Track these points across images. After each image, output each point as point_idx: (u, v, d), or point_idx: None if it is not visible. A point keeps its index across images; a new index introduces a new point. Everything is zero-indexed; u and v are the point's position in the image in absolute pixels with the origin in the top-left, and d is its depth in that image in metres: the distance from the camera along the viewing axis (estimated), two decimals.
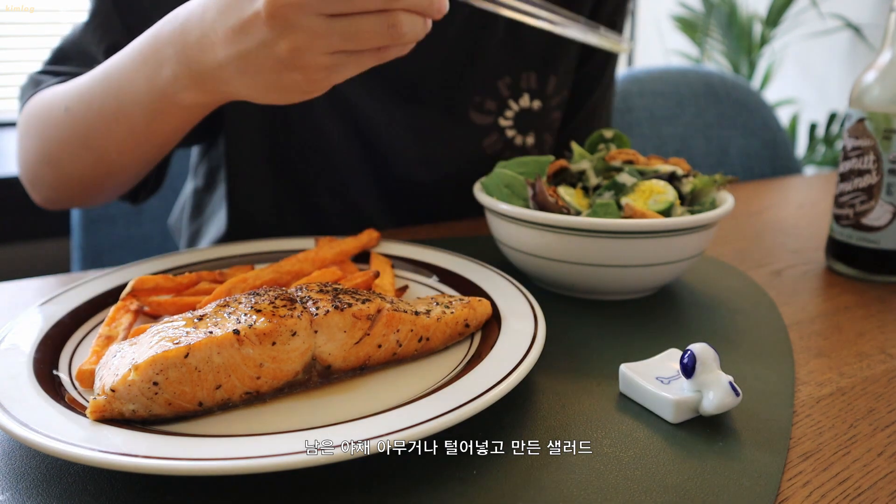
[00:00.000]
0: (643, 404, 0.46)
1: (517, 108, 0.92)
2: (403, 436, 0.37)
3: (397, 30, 0.50)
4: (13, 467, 0.39)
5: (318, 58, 0.51)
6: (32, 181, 0.77)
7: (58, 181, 0.74)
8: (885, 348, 0.57)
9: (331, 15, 0.49)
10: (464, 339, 0.52)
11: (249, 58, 0.52)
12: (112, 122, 0.66)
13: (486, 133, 0.91)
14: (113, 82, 0.64)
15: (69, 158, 0.71)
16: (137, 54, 0.62)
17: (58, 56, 0.79)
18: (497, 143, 0.92)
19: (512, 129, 0.92)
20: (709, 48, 3.31)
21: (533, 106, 0.93)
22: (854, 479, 0.40)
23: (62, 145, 0.70)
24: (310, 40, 0.49)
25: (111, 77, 0.65)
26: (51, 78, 0.76)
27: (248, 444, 0.36)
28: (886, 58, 0.70)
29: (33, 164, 0.75)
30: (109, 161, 0.70)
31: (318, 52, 0.50)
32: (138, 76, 0.62)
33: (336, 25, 0.49)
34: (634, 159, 0.70)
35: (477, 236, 0.83)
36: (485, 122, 0.91)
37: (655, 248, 0.59)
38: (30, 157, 0.75)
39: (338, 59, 0.51)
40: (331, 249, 0.63)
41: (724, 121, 1.67)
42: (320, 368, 0.45)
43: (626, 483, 0.38)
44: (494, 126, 0.92)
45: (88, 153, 0.69)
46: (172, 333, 0.42)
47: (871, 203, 0.71)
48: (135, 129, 0.65)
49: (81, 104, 0.67)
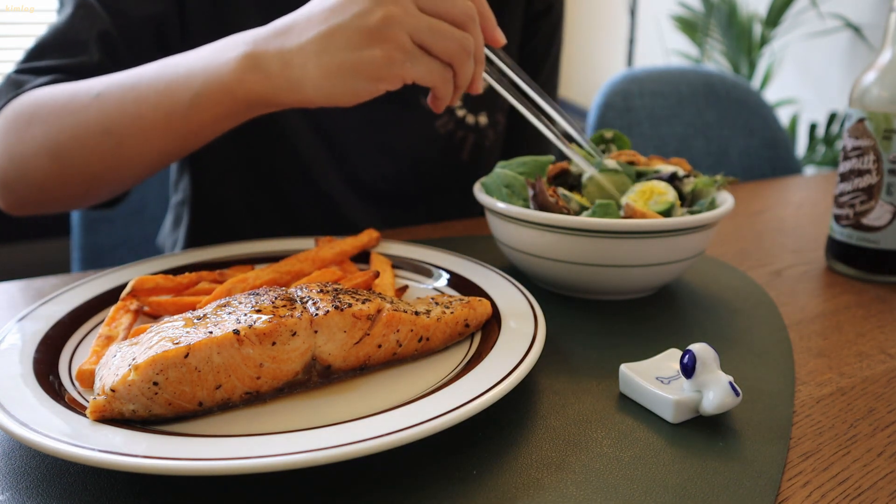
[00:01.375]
0: (643, 404, 0.46)
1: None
2: (403, 436, 0.37)
3: (467, 51, 0.58)
4: (13, 467, 0.39)
5: (403, 35, 0.56)
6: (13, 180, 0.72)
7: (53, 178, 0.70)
8: (885, 348, 0.57)
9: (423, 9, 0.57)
10: (464, 339, 0.52)
11: (336, 32, 0.57)
12: (151, 105, 0.65)
13: (437, 115, 0.94)
14: (169, 68, 0.65)
15: (79, 148, 0.68)
16: (206, 48, 0.64)
17: (36, 50, 0.77)
18: (448, 122, 0.96)
19: (462, 109, 0.96)
20: (709, 48, 3.31)
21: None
22: (854, 479, 0.40)
23: (75, 131, 0.68)
24: (402, 14, 0.56)
25: (168, 64, 0.65)
26: (32, 77, 0.74)
27: (248, 444, 0.36)
28: (886, 58, 0.70)
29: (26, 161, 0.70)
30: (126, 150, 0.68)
31: (405, 29, 0.56)
32: (200, 60, 0.63)
33: (425, 17, 0.57)
34: (634, 159, 0.70)
35: (477, 236, 0.84)
36: None
37: (655, 248, 0.59)
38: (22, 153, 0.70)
39: (416, 51, 0.57)
40: (331, 249, 0.63)
41: (724, 121, 1.67)
42: (320, 368, 0.45)
43: (626, 483, 0.38)
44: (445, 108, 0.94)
45: (106, 140, 0.67)
46: (172, 333, 0.42)
47: (871, 203, 0.71)
48: (172, 114, 0.65)
49: (119, 89, 0.66)
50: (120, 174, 0.71)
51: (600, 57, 4.27)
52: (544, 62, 1.06)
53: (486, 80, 0.64)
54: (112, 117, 0.66)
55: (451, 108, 0.95)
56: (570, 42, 1.09)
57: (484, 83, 0.64)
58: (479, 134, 0.98)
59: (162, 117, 0.65)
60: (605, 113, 1.57)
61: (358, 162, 0.93)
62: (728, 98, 1.69)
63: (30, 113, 0.70)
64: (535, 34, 1.04)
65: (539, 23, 1.03)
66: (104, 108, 0.67)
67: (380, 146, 0.93)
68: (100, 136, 0.67)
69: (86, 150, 0.68)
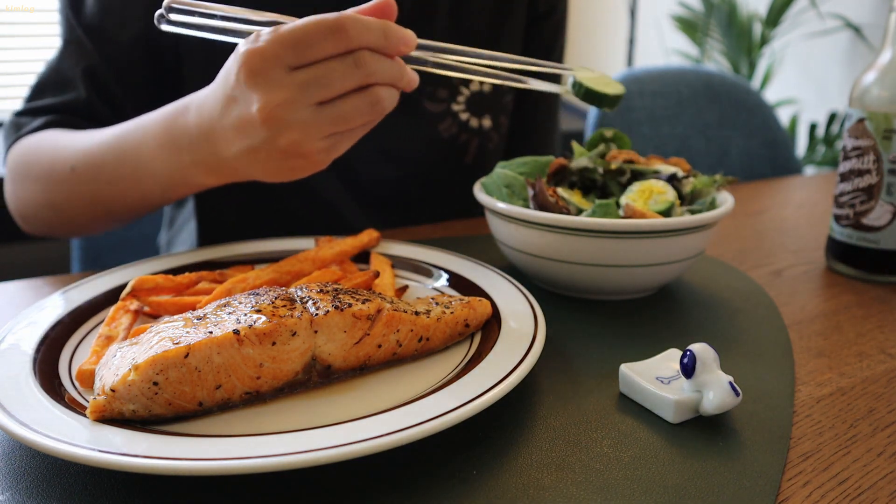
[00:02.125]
0: (643, 404, 0.46)
1: (468, 93, 0.95)
2: (403, 436, 0.37)
3: (380, 105, 0.55)
4: (13, 467, 0.39)
5: (316, 143, 0.55)
6: (27, 218, 0.79)
7: (57, 222, 0.77)
8: (885, 348, 0.57)
9: (318, 104, 0.53)
10: (464, 339, 0.52)
11: (256, 152, 0.56)
12: (125, 189, 0.69)
13: (440, 118, 0.94)
14: (126, 156, 0.67)
15: (74, 209, 0.74)
16: (151, 137, 0.65)
17: (36, 91, 0.82)
18: (452, 126, 0.95)
19: (465, 113, 0.96)
20: (709, 48, 3.31)
21: (484, 88, 0.96)
22: (854, 479, 0.40)
23: (69, 197, 0.73)
24: (305, 132, 0.53)
25: (125, 151, 0.67)
26: (30, 119, 0.79)
27: (248, 444, 0.36)
28: (886, 58, 0.70)
29: (31, 206, 0.77)
30: (115, 214, 0.74)
31: (314, 139, 0.54)
32: (155, 159, 0.65)
33: (325, 113, 0.53)
34: (634, 159, 0.70)
35: (477, 236, 0.84)
36: (438, 109, 0.94)
37: (655, 248, 0.59)
38: (26, 199, 0.77)
39: (333, 140, 0.56)
40: (331, 249, 0.63)
41: (724, 121, 1.67)
42: (320, 368, 0.45)
43: (626, 483, 0.38)
44: (448, 111, 0.94)
45: (96, 208, 0.73)
46: (172, 333, 0.42)
47: (871, 203, 0.71)
48: (148, 196, 0.69)
49: (89, 168, 0.70)
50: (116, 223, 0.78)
51: (600, 57, 4.27)
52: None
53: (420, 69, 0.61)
54: (93, 192, 0.71)
55: (453, 111, 0.95)
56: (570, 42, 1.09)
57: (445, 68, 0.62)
58: (483, 137, 0.97)
59: (139, 198, 0.70)
60: (606, 113, 1.57)
61: (359, 167, 0.93)
62: (728, 98, 1.69)
63: (26, 167, 0.76)
64: (538, 36, 1.04)
65: (542, 24, 1.03)
66: (84, 183, 0.71)
67: (382, 151, 0.93)
68: (88, 204, 0.73)
69: (79, 210, 0.74)
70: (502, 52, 0.64)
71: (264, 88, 0.52)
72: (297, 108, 0.52)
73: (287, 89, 0.51)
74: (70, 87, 0.80)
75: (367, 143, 0.92)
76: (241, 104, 0.54)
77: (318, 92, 0.52)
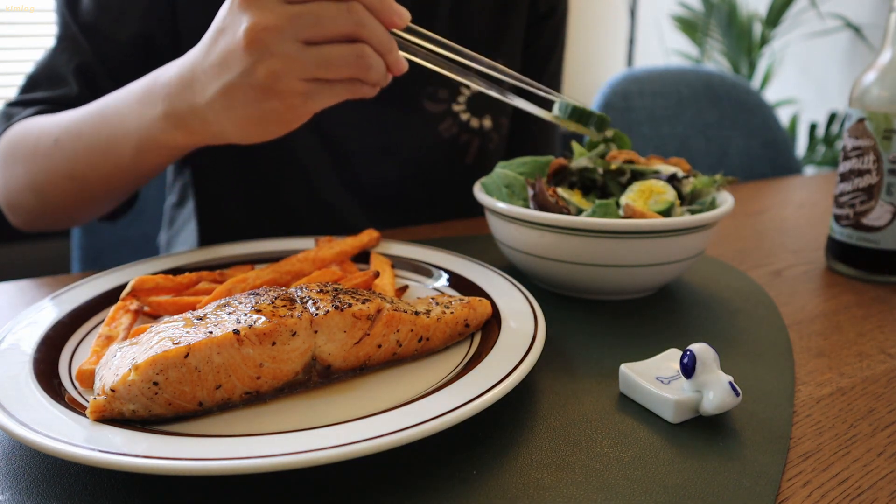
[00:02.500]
0: (643, 404, 0.46)
1: (469, 93, 0.95)
2: (403, 436, 0.37)
3: (365, 60, 0.55)
4: (13, 467, 0.39)
5: (295, 83, 0.55)
6: (13, 206, 0.79)
7: (40, 208, 0.77)
8: (885, 348, 0.57)
9: (305, 42, 0.54)
10: (464, 339, 0.52)
11: (232, 90, 0.56)
12: (99, 157, 0.69)
13: (440, 119, 0.94)
14: (106, 119, 0.67)
15: (53, 188, 0.73)
16: (132, 95, 0.65)
17: (28, 84, 0.82)
18: (452, 126, 0.95)
19: (466, 113, 0.96)
20: (709, 48, 3.31)
21: None
22: (854, 479, 0.40)
23: (48, 175, 0.73)
24: (286, 65, 0.54)
25: (105, 114, 0.67)
26: (21, 109, 0.79)
27: (248, 444, 0.36)
28: (886, 58, 0.70)
29: (15, 192, 0.77)
30: (92, 191, 0.73)
31: (294, 77, 0.54)
32: (130, 115, 0.65)
33: (310, 52, 0.54)
34: (634, 159, 0.70)
35: (477, 236, 0.84)
36: (438, 109, 0.94)
37: (655, 248, 0.59)
38: (11, 185, 0.77)
39: (313, 86, 0.55)
40: (331, 249, 0.63)
41: (724, 121, 1.67)
42: (320, 368, 0.45)
43: (626, 483, 0.38)
44: (448, 112, 0.94)
45: (72, 183, 0.72)
46: (172, 333, 0.42)
47: (871, 203, 0.71)
48: (120, 164, 0.69)
49: (71, 137, 0.70)
50: (96, 206, 0.77)
51: (600, 57, 4.27)
52: (547, 64, 1.06)
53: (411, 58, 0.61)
54: (71, 164, 0.71)
55: (454, 111, 0.95)
56: (570, 42, 1.10)
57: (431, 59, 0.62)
58: (484, 137, 0.97)
59: (112, 166, 0.69)
60: (605, 113, 1.57)
61: (359, 167, 0.92)
62: (728, 98, 1.69)
63: (12, 150, 0.76)
64: (540, 36, 1.03)
65: (543, 25, 1.03)
66: (64, 155, 0.71)
67: (382, 150, 0.93)
68: (66, 179, 0.72)
69: (58, 190, 0.73)
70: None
71: (255, 11, 0.53)
72: (283, 37, 0.53)
73: (277, 16, 0.52)
74: (62, 82, 0.80)
75: (367, 142, 0.92)
76: (229, 32, 0.55)
77: (307, 27, 0.53)
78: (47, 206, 0.76)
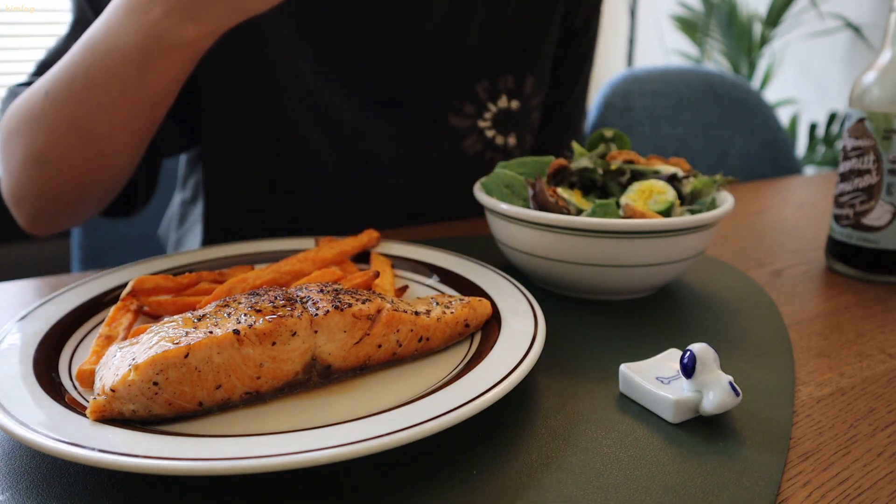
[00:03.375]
0: (643, 404, 0.46)
1: (495, 110, 0.94)
2: (403, 436, 0.37)
3: None
4: (13, 467, 0.39)
5: None
6: (19, 196, 0.74)
7: (46, 186, 0.71)
8: (885, 348, 0.57)
9: None
10: (464, 339, 0.52)
11: None
12: (101, 90, 0.63)
13: (465, 135, 0.92)
14: (96, 49, 0.63)
15: (56, 150, 0.68)
16: (119, 12, 0.61)
17: (39, 68, 0.79)
18: (477, 143, 0.93)
19: (491, 130, 0.94)
20: (709, 48, 3.31)
21: (511, 106, 0.94)
22: (854, 479, 0.40)
23: (47, 135, 0.67)
24: None
25: (94, 45, 0.63)
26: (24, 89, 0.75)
27: (248, 444, 0.36)
28: (886, 58, 0.70)
29: (19, 173, 0.71)
30: (100, 141, 0.67)
31: None
32: (124, 29, 0.61)
33: None
34: (634, 159, 0.70)
35: (477, 236, 0.84)
36: (464, 124, 0.92)
37: (655, 248, 0.59)
38: (14, 166, 0.71)
39: None
40: (331, 249, 0.63)
41: (724, 121, 1.67)
42: (320, 368, 0.45)
43: (626, 483, 0.38)
44: (473, 128, 0.93)
45: (76, 135, 0.66)
46: (172, 333, 0.42)
47: (871, 203, 0.71)
48: (127, 88, 0.63)
49: (62, 82, 0.65)
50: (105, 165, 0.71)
51: (600, 57, 4.26)
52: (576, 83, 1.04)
53: None
54: (71, 111, 0.65)
55: (479, 127, 0.93)
56: None
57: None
58: (508, 155, 0.95)
59: (118, 96, 0.64)
60: (605, 113, 1.57)
61: (379, 181, 0.90)
62: (728, 98, 1.69)
63: (9, 126, 0.72)
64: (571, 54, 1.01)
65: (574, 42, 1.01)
66: (59, 106, 0.66)
67: (405, 165, 0.91)
68: (68, 132, 0.66)
69: (62, 151, 0.68)
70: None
71: None
72: None
73: None
74: None
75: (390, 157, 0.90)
76: None
77: None
78: (53, 183, 0.70)
